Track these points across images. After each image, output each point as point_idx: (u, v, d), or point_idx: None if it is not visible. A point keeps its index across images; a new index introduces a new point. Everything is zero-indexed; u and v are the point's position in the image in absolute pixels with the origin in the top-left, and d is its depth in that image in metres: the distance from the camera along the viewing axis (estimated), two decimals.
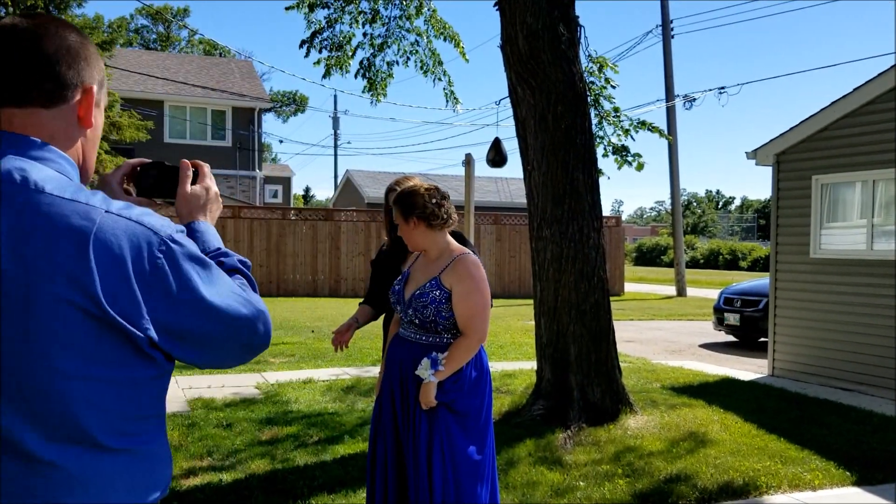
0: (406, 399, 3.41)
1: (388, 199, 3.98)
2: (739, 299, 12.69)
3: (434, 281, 3.36)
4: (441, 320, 3.35)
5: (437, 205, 3.39)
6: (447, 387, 3.33)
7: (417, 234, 3.41)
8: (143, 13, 48.84)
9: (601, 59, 8.39)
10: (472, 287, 3.34)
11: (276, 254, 20.34)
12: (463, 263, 3.36)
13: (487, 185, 34.21)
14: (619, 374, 6.70)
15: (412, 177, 3.90)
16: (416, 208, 3.38)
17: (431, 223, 3.39)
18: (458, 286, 3.33)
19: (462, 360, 3.34)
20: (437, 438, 3.30)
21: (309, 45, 10.31)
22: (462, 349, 3.32)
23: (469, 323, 3.33)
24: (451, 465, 3.30)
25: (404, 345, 3.48)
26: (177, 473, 5.00)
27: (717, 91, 21.52)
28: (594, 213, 6.59)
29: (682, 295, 24.25)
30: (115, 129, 22.88)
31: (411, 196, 3.42)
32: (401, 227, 3.47)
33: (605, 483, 4.99)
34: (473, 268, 3.37)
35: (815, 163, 9.13)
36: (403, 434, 3.42)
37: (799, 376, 9.23)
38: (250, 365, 9.23)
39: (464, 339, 3.34)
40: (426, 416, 3.33)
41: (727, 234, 71.25)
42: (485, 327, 3.37)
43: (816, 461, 5.56)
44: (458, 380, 3.35)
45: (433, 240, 3.44)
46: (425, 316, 3.35)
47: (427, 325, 3.37)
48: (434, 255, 3.47)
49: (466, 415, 3.36)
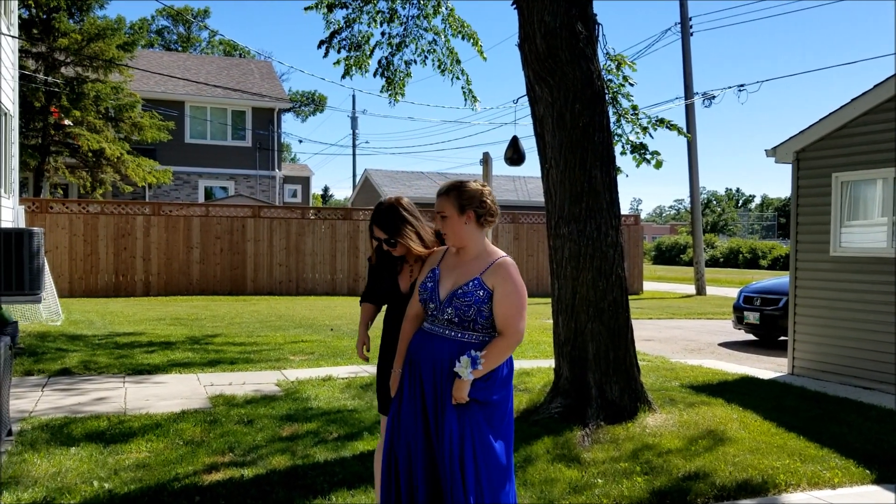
0: (439, 395, 3.45)
1: (373, 229, 3.89)
2: (759, 298, 12.63)
3: (476, 281, 3.43)
4: (481, 319, 3.42)
5: (493, 202, 3.53)
6: (479, 384, 3.38)
7: (467, 229, 3.48)
8: (164, 14, 49.27)
9: (619, 57, 8.38)
10: (513, 289, 3.41)
11: (296, 253, 20.46)
12: (505, 266, 3.45)
13: (505, 184, 34.22)
14: (638, 373, 6.70)
15: (397, 199, 3.97)
16: (474, 202, 3.47)
17: (486, 219, 3.51)
18: (501, 287, 3.40)
19: (500, 360, 3.41)
20: (469, 436, 3.35)
21: (328, 46, 10.38)
22: (501, 349, 3.40)
23: (508, 322, 3.40)
24: (483, 462, 3.36)
25: (434, 341, 3.50)
26: (199, 469, 5.08)
27: (737, 88, 21.36)
28: (612, 210, 6.59)
29: (702, 293, 24.13)
30: (137, 130, 23.09)
31: (470, 189, 3.51)
32: (449, 219, 3.50)
33: (623, 480, 5.01)
34: (514, 271, 3.46)
35: (836, 160, 9.07)
36: (434, 432, 3.45)
37: (819, 375, 9.18)
38: (271, 363, 9.32)
39: (502, 338, 3.41)
40: (457, 413, 3.38)
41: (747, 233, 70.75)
42: (523, 328, 3.45)
43: (836, 459, 5.54)
44: (489, 377, 3.41)
45: (476, 238, 3.52)
46: (466, 315, 3.42)
47: (465, 323, 3.44)
48: (472, 253, 3.52)
49: (495, 412, 3.43)
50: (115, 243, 18.63)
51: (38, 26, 21.30)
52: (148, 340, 10.97)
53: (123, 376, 8.34)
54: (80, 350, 9.87)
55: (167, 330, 12.24)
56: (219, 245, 19.69)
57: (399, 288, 3.92)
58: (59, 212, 18.18)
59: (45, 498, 4.49)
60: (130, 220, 18.82)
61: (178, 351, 10.05)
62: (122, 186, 23.76)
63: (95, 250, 18.44)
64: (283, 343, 10.98)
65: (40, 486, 4.66)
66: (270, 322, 13.64)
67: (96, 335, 11.38)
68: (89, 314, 14.18)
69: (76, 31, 21.39)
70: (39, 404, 6.92)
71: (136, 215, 18.92)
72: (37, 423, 6.17)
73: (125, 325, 12.66)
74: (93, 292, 18.32)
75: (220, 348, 10.45)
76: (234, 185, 28.94)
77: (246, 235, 19.97)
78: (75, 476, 4.87)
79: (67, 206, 18.56)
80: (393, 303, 3.98)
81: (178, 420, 6.33)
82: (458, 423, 3.37)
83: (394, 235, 3.80)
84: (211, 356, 9.74)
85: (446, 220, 3.50)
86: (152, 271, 19.04)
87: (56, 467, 5.02)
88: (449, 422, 3.38)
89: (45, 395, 7.30)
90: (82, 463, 5.14)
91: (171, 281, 19.22)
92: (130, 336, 11.40)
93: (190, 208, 19.93)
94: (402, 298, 3.87)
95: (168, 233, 19.18)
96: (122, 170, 22.47)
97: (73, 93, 21.26)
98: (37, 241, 8.42)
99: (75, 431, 5.92)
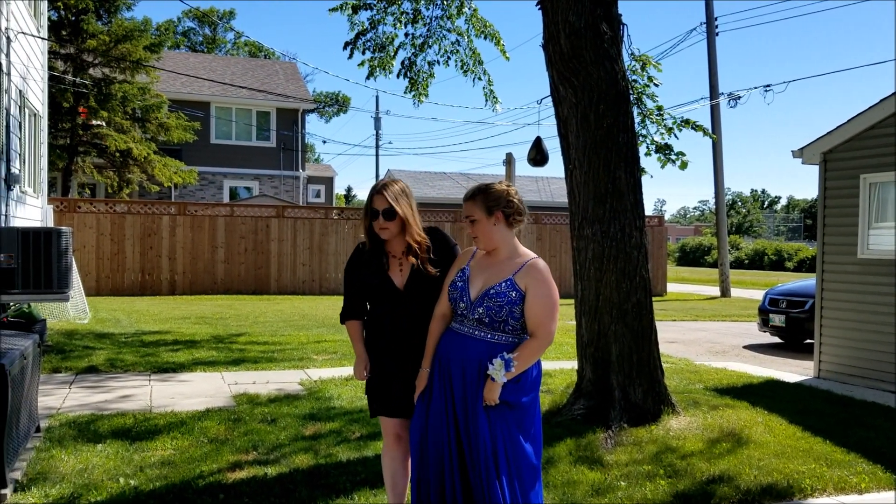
0: (468, 396, 3.45)
1: (373, 199, 3.66)
2: (785, 300, 12.50)
3: (509, 281, 3.43)
4: (512, 320, 3.43)
5: (519, 201, 3.54)
6: (509, 386, 3.40)
7: (497, 230, 3.49)
8: (190, 16, 49.69)
9: (644, 58, 8.33)
10: (546, 291, 3.43)
11: (319, 252, 20.56)
12: (538, 268, 3.46)
13: (528, 185, 34.16)
14: (662, 375, 6.66)
15: (398, 180, 3.82)
16: (501, 202, 3.48)
17: (515, 219, 3.51)
18: (534, 289, 3.41)
19: (531, 361, 3.43)
20: (500, 438, 3.38)
21: (353, 47, 10.43)
22: (532, 350, 3.41)
23: (540, 323, 3.41)
24: (514, 464, 3.38)
25: (463, 341, 3.50)
26: (223, 466, 5.12)
27: (763, 89, 21.14)
28: (636, 212, 6.56)
29: (726, 295, 23.92)
30: (163, 130, 23.31)
31: (497, 190, 3.51)
32: (479, 223, 3.49)
33: (646, 483, 4.98)
34: (547, 273, 3.48)
35: (864, 161, 8.96)
36: (464, 432, 3.46)
37: (845, 378, 9.07)
38: (294, 362, 9.37)
39: (534, 340, 3.42)
40: (487, 415, 3.39)
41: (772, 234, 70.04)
42: (554, 330, 3.46)
43: (863, 464, 5.47)
44: (519, 379, 3.42)
45: (507, 238, 3.53)
46: (498, 315, 3.42)
47: (496, 323, 3.44)
48: (504, 254, 3.53)
49: (525, 414, 3.45)
50: (141, 242, 18.83)
51: (67, 28, 21.59)
52: (173, 339, 11.07)
53: (149, 374, 8.43)
54: (106, 348, 9.98)
55: (192, 328, 12.35)
56: (243, 245, 19.83)
57: (393, 284, 3.71)
58: (86, 211, 18.40)
59: (72, 494, 4.55)
60: (156, 219, 19.02)
61: (203, 349, 10.14)
62: (148, 186, 24.01)
63: (122, 249, 18.65)
64: (305, 342, 11.04)
65: (67, 482, 4.72)
66: (294, 321, 13.71)
67: (123, 333, 11.51)
68: (116, 312, 14.35)
69: (104, 33, 21.64)
70: (67, 401, 7.01)
71: (162, 215, 19.11)
72: (64, 419, 6.25)
73: (151, 324, 12.79)
74: (119, 291, 18.53)
75: (244, 347, 10.53)
76: (258, 185, 29.14)
77: (270, 235, 20.10)
78: (102, 472, 4.93)
79: (95, 205, 18.79)
80: (381, 300, 3.77)
81: (202, 418, 6.38)
82: (489, 426, 3.39)
83: (395, 204, 3.60)
84: (235, 355, 9.81)
85: (476, 224, 3.50)
86: (177, 270, 19.22)
87: (83, 464, 5.09)
88: (481, 425, 3.39)
89: (72, 393, 7.39)
90: (108, 460, 5.20)
91: (195, 280, 19.39)
92: (156, 334, 11.52)
93: (215, 208, 20.10)
94: (398, 296, 3.71)
95: (193, 232, 19.36)
96: (148, 170, 22.71)
97: (101, 93, 21.52)
98: (65, 240, 8.53)
99: (102, 428, 5.99)
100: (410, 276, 3.70)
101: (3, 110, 9.41)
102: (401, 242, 3.72)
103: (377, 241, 3.74)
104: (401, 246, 3.73)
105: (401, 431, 3.81)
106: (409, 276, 3.70)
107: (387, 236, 3.69)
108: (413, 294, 3.69)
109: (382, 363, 3.75)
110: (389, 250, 3.76)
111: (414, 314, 3.69)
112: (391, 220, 3.63)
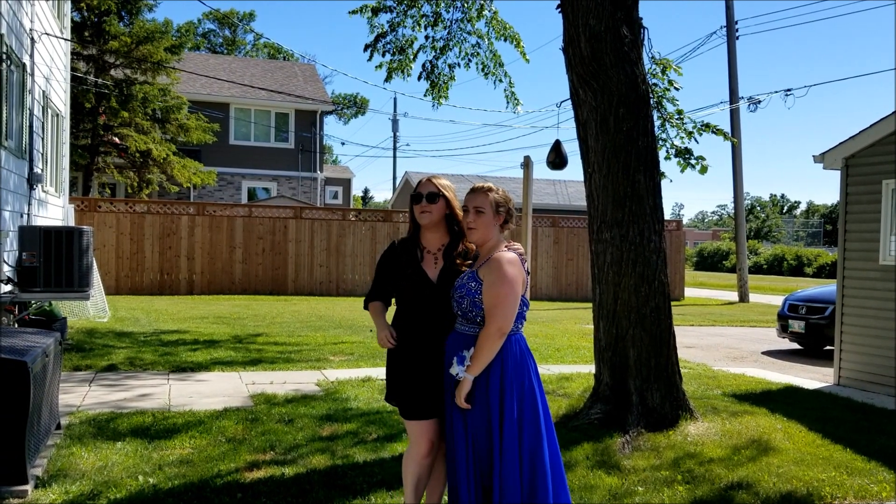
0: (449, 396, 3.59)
1: (420, 184, 3.87)
2: (805, 306, 12.38)
3: (471, 273, 3.57)
4: (478, 310, 3.52)
5: (513, 208, 3.78)
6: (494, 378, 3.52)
7: (494, 229, 3.65)
8: (210, 17, 50.00)
9: (664, 61, 8.28)
10: (497, 278, 3.47)
11: (336, 254, 20.61)
12: (497, 259, 3.53)
13: (545, 188, 34.07)
14: (680, 380, 6.62)
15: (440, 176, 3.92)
16: (505, 206, 3.69)
17: (508, 224, 3.71)
18: (487, 277, 3.51)
19: (487, 352, 3.45)
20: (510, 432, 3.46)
21: (372, 49, 10.46)
22: (484, 339, 3.46)
23: (491, 311, 3.46)
24: (528, 460, 3.46)
25: (458, 338, 3.61)
26: (241, 466, 5.14)
27: (784, 93, 20.99)
28: (655, 216, 6.53)
29: (745, 301, 23.76)
30: (183, 131, 23.48)
31: (503, 194, 3.73)
32: (485, 216, 3.62)
33: (663, 489, 4.95)
34: (506, 263, 3.51)
35: (886, 167, 8.87)
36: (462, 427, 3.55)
37: (866, 386, 8.98)
38: (311, 363, 9.40)
39: (484, 328, 3.48)
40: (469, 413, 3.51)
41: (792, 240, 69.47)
42: (506, 319, 3.45)
43: (884, 472, 5.41)
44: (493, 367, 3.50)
45: (496, 238, 3.66)
46: (462, 306, 3.56)
47: (468, 316, 3.55)
48: (485, 251, 3.65)
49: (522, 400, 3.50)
50: (160, 242, 18.97)
51: (90, 29, 21.78)
52: (192, 338, 11.14)
53: (167, 373, 8.48)
54: (126, 347, 10.06)
55: (210, 328, 12.42)
56: (261, 245, 19.93)
57: (426, 275, 3.74)
58: (106, 211, 18.56)
59: (91, 491, 4.58)
60: (175, 219, 19.15)
61: (221, 349, 10.19)
62: (167, 186, 24.18)
63: (141, 249, 18.79)
64: (323, 343, 11.07)
65: (87, 480, 4.76)
66: (311, 322, 13.76)
67: (142, 332, 11.60)
68: (135, 311, 14.46)
69: (126, 34, 21.82)
70: (86, 399, 7.07)
71: (180, 215, 19.24)
72: (84, 417, 6.31)
73: (169, 323, 12.87)
74: (138, 290, 18.66)
75: (262, 347, 10.58)
76: (276, 186, 29.26)
77: (288, 236, 20.19)
78: (121, 470, 4.97)
79: (115, 205, 18.94)
80: (414, 293, 3.77)
81: (220, 417, 6.42)
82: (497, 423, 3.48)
83: (441, 189, 3.76)
84: (252, 355, 9.86)
85: (481, 216, 3.62)
86: (196, 270, 19.34)
87: (102, 461, 5.13)
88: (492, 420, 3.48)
89: (91, 391, 7.46)
90: (127, 457, 5.24)
91: (214, 280, 19.50)
92: (175, 334, 11.59)
93: (233, 209, 20.22)
94: (431, 287, 3.73)
95: (212, 232, 19.47)
96: (168, 170, 22.87)
97: (122, 94, 21.70)
98: (86, 239, 8.60)
99: (121, 426, 6.03)
100: (443, 271, 3.74)
101: (27, 111, 9.51)
102: (438, 238, 3.80)
103: (416, 230, 3.83)
104: (437, 242, 3.81)
105: (433, 436, 3.77)
106: (442, 271, 3.75)
107: (426, 220, 3.75)
108: (445, 288, 3.71)
109: (410, 356, 3.74)
110: (425, 245, 3.82)
111: (444, 309, 3.71)
112: (433, 203, 3.74)
